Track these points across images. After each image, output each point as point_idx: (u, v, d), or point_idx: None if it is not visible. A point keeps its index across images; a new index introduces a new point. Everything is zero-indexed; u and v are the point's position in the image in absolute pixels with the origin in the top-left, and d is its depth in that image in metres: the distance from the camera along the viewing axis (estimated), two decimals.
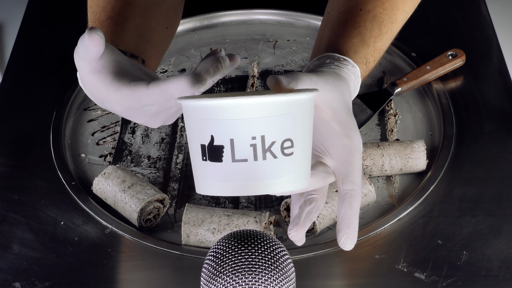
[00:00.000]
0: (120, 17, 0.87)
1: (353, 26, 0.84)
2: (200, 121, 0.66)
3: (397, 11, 0.87)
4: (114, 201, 0.96)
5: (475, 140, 1.05)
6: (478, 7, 1.28)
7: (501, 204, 0.96)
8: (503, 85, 1.13)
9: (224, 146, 0.66)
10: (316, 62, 0.81)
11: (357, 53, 0.83)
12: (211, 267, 0.70)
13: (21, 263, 0.91)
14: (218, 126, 0.66)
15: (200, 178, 0.69)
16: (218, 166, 0.66)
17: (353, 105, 1.11)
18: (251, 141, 0.65)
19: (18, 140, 1.07)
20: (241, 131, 0.65)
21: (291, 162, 0.67)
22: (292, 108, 0.66)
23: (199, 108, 0.66)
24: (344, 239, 0.73)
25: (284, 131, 0.66)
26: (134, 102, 0.74)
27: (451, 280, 0.87)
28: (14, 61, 1.21)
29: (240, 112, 0.65)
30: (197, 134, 0.67)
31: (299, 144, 0.67)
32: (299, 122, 0.67)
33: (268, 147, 0.66)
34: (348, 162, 0.74)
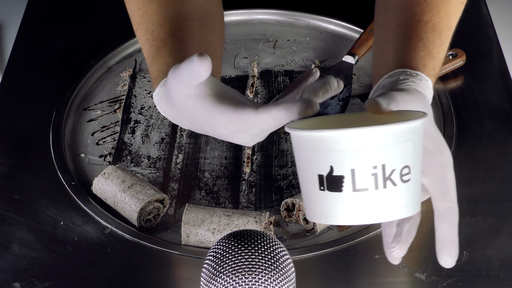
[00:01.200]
0: (181, 33, 0.86)
1: (416, 39, 0.84)
2: (317, 152, 0.66)
3: (452, 18, 0.87)
4: (114, 201, 0.96)
5: (475, 140, 1.05)
6: (478, 7, 1.28)
7: (501, 204, 0.96)
8: (503, 85, 1.13)
9: (345, 176, 0.65)
10: (389, 79, 0.81)
11: (426, 67, 0.82)
12: (211, 267, 0.70)
13: (21, 263, 0.91)
14: (338, 156, 0.65)
15: (317, 207, 0.68)
16: (338, 196, 0.66)
17: (353, 105, 1.11)
18: (372, 170, 0.65)
19: (18, 140, 1.07)
20: (363, 161, 0.65)
21: (409, 188, 0.67)
22: (410, 135, 0.67)
23: (317, 139, 0.66)
24: (446, 257, 0.73)
25: (403, 158, 0.66)
26: (243, 125, 0.73)
27: (451, 280, 0.87)
28: (14, 61, 1.21)
29: (361, 142, 0.65)
30: (314, 164, 0.66)
31: (414, 170, 0.68)
32: (415, 147, 0.67)
33: (388, 175, 0.66)
34: (443, 180, 0.74)
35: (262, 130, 0.74)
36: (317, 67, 1.19)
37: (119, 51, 1.22)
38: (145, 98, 1.15)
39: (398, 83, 0.79)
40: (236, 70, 1.19)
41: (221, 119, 0.74)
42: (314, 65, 1.19)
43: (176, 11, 0.87)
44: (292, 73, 1.18)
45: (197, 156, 1.06)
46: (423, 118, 0.68)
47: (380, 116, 0.71)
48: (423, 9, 0.86)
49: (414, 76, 0.80)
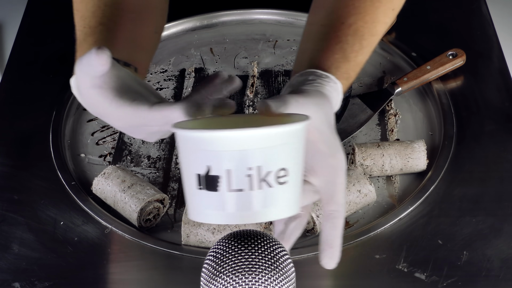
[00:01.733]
0: (111, 23, 0.86)
1: (335, 41, 0.85)
2: (196, 151, 0.67)
3: (378, 24, 0.87)
4: (114, 201, 0.96)
5: (475, 140, 1.05)
6: (478, 7, 1.28)
7: (501, 204, 0.96)
8: (503, 85, 1.13)
9: (221, 176, 0.66)
10: (299, 78, 0.82)
11: (339, 69, 0.83)
12: (211, 267, 0.70)
13: (21, 263, 0.91)
14: (215, 157, 0.66)
15: (195, 205, 0.69)
16: (214, 195, 0.67)
17: (353, 105, 1.11)
18: (247, 171, 0.66)
19: (18, 140, 1.07)
20: (238, 162, 0.66)
21: (286, 190, 0.68)
22: (288, 138, 0.67)
23: (195, 139, 0.67)
24: (327, 259, 0.74)
25: (280, 161, 0.67)
26: (136, 121, 0.74)
27: (451, 280, 0.87)
28: (14, 61, 1.21)
29: (237, 143, 0.66)
30: (193, 163, 0.68)
31: (293, 172, 0.69)
32: (293, 150, 0.68)
33: (263, 177, 0.67)
34: (333, 183, 0.75)
35: (159, 128, 0.74)
36: None
37: None
38: None
39: (304, 83, 0.80)
40: (236, 70, 1.19)
41: (116, 113, 0.74)
42: None
43: (112, 0, 0.87)
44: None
45: None
46: (302, 122, 0.68)
47: (270, 118, 0.72)
48: (349, 12, 0.86)
49: (323, 78, 0.81)
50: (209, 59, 1.22)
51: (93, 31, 0.85)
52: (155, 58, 1.22)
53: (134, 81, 0.78)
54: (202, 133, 0.66)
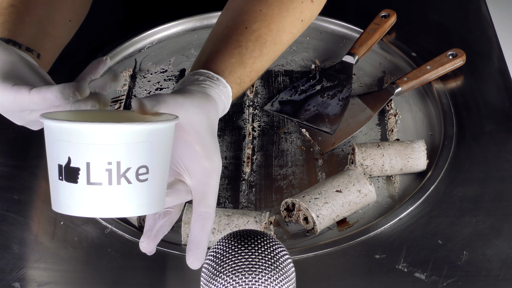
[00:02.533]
0: (22, 6, 0.85)
1: (234, 45, 0.85)
2: (58, 142, 0.68)
3: (283, 33, 0.87)
4: None
5: (475, 140, 1.05)
6: (478, 7, 1.28)
7: (501, 204, 0.96)
8: (503, 85, 1.13)
9: (80, 168, 0.67)
10: (190, 77, 0.82)
11: (232, 73, 0.83)
12: (211, 267, 0.70)
13: (21, 263, 0.91)
14: (75, 148, 0.67)
15: (56, 196, 0.70)
16: (74, 187, 0.68)
17: (353, 105, 1.11)
18: (106, 166, 0.67)
19: (18, 140, 1.07)
20: (97, 156, 0.67)
21: (145, 188, 0.69)
22: (149, 137, 0.68)
23: (57, 129, 0.68)
24: (192, 259, 0.75)
25: (140, 158, 0.68)
26: (15, 105, 0.74)
27: (451, 280, 0.87)
28: None
29: (97, 137, 0.67)
30: (55, 153, 0.68)
31: (155, 171, 0.69)
32: (156, 149, 0.69)
33: (123, 172, 0.67)
34: (205, 185, 0.76)
35: (38, 114, 0.74)
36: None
37: (119, 51, 1.22)
38: None
39: (193, 83, 0.80)
40: None
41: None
42: (314, 65, 1.19)
43: None
44: (292, 73, 1.18)
45: None
46: (166, 122, 0.69)
47: (144, 116, 0.72)
48: (255, 17, 0.86)
49: (213, 80, 0.81)
50: None
51: (1, 13, 0.84)
52: (155, 58, 1.22)
53: (27, 67, 0.77)
54: (63, 124, 0.67)
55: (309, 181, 1.02)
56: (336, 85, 1.13)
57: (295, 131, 1.09)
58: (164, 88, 1.17)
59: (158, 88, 1.16)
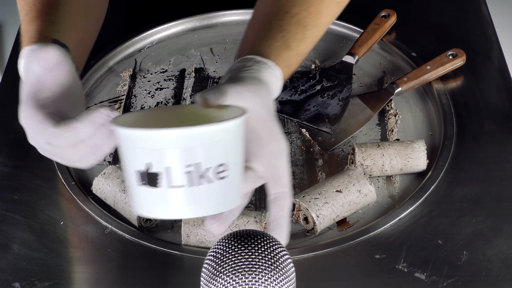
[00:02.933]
0: (63, 11, 0.85)
1: (277, 29, 0.85)
2: (136, 149, 0.68)
3: (322, 15, 0.88)
4: (114, 201, 0.96)
5: (475, 140, 1.05)
6: (478, 7, 1.28)
7: (501, 204, 0.96)
8: (503, 85, 1.13)
9: (161, 173, 0.68)
10: (238, 64, 0.82)
11: (279, 56, 0.83)
12: (211, 267, 0.70)
13: (21, 263, 0.91)
14: (155, 154, 0.67)
15: (137, 200, 0.70)
16: (156, 191, 0.68)
17: (353, 105, 1.11)
18: (186, 168, 0.68)
19: (18, 140, 1.07)
20: (177, 160, 0.67)
21: (226, 184, 0.69)
22: (224, 135, 0.68)
23: (134, 137, 0.68)
24: (277, 237, 0.75)
25: (218, 157, 0.68)
26: (63, 141, 0.73)
27: (451, 280, 0.87)
28: (14, 61, 1.21)
29: (174, 142, 0.67)
30: (134, 160, 0.69)
31: (232, 166, 0.70)
32: (232, 145, 0.69)
33: (203, 173, 0.68)
34: (276, 167, 0.76)
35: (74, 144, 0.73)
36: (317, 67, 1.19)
37: (119, 51, 1.22)
38: (145, 98, 1.15)
39: (242, 70, 0.80)
40: None
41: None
42: (314, 65, 1.19)
43: None
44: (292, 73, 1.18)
45: None
46: (239, 118, 0.69)
47: (209, 110, 0.73)
48: (294, 2, 0.86)
49: (261, 64, 0.81)
50: (209, 59, 1.22)
51: (47, 12, 0.83)
52: (155, 58, 1.22)
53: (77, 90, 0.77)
54: (140, 132, 0.67)
55: (309, 181, 1.02)
56: (336, 85, 1.13)
57: (295, 131, 1.09)
58: (164, 88, 1.17)
59: (158, 88, 1.16)
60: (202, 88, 1.16)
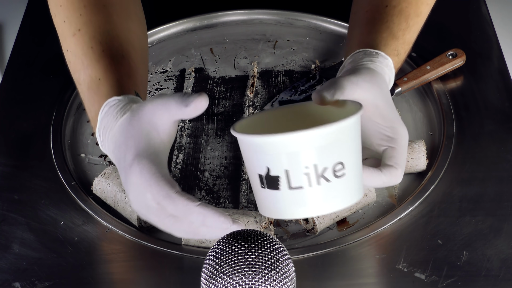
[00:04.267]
0: (130, 58, 0.86)
1: (381, 22, 0.86)
2: (256, 154, 0.70)
3: (421, 4, 0.89)
4: (114, 201, 0.96)
5: (475, 140, 1.05)
6: (478, 7, 1.28)
7: (501, 204, 0.96)
8: (503, 85, 1.13)
9: (280, 176, 0.70)
10: (350, 59, 0.83)
11: (387, 46, 0.84)
12: (211, 267, 0.70)
13: (21, 263, 0.91)
14: (273, 159, 0.70)
15: (262, 202, 0.74)
16: (277, 193, 0.71)
17: None
18: (304, 170, 0.70)
19: (18, 140, 1.07)
20: (294, 163, 0.69)
21: (344, 182, 0.71)
22: (340, 134, 0.70)
23: (253, 143, 0.70)
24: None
25: (335, 156, 0.70)
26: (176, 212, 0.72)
27: (451, 280, 0.87)
28: (14, 61, 1.21)
29: (292, 146, 0.69)
30: (255, 164, 0.71)
31: (350, 163, 0.71)
32: (348, 143, 0.71)
33: (320, 173, 0.70)
34: (390, 148, 0.78)
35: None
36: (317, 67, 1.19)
37: None
38: None
39: (356, 62, 0.82)
40: (236, 70, 1.19)
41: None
42: (314, 65, 1.19)
43: (124, 36, 0.86)
44: (292, 73, 1.18)
45: (197, 156, 1.06)
46: (354, 116, 0.70)
47: (325, 108, 0.74)
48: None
49: (373, 55, 0.82)
50: (209, 59, 1.22)
51: (118, 61, 0.83)
52: (155, 58, 1.22)
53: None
54: (256, 138, 0.70)
55: None
56: None
57: None
58: (164, 88, 1.17)
59: (158, 88, 1.16)
60: (202, 88, 1.16)
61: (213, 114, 1.12)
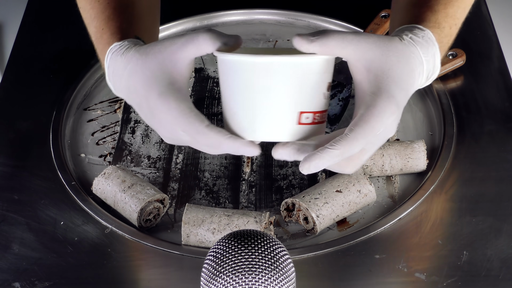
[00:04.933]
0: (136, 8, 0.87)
1: (420, 4, 0.82)
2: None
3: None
4: (114, 201, 0.96)
5: (475, 140, 1.05)
6: (478, 7, 1.28)
7: (501, 204, 0.96)
8: (503, 85, 1.13)
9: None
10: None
11: (425, 20, 0.80)
12: (211, 267, 0.70)
13: (21, 263, 0.91)
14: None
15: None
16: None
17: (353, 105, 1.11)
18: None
19: (18, 140, 1.07)
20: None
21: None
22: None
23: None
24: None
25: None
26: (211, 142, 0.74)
27: (451, 280, 0.87)
28: (14, 61, 1.21)
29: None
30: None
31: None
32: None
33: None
34: (360, 115, 0.74)
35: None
36: None
37: None
38: None
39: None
40: None
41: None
42: None
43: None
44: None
45: (197, 156, 1.06)
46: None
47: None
48: None
49: (403, 29, 0.78)
50: (209, 59, 1.22)
51: (120, 9, 0.83)
52: None
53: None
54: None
55: (309, 181, 1.02)
56: (336, 85, 1.13)
57: None
58: None
59: None
60: (202, 88, 1.16)
61: (213, 114, 1.12)
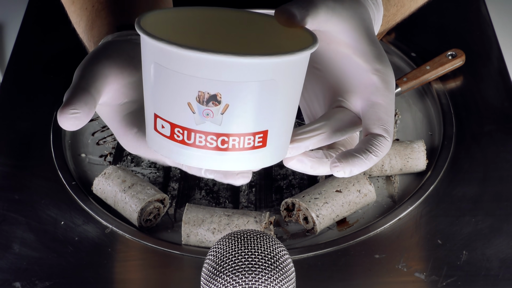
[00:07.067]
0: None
1: None
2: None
3: None
4: (114, 201, 0.96)
5: (475, 140, 1.05)
6: (478, 7, 1.28)
7: (501, 204, 0.96)
8: (503, 85, 1.13)
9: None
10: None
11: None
12: (211, 267, 0.70)
13: (21, 263, 0.91)
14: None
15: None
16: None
17: None
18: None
19: (18, 140, 1.07)
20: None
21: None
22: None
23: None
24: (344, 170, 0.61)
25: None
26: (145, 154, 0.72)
27: (451, 280, 0.88)
28: (14, 61, 1.21)
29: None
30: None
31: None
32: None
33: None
34: (376, 105, 0.61)
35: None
36: None
37: None
38: None
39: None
40: None
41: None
42: None
43: None
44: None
45: None
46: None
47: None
48: None
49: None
50: None
51: (105, 5, 0.78)
52: None
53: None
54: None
55: (309, 181, 1.02)
56: None
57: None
58: None
59: None
60: None
61: None
